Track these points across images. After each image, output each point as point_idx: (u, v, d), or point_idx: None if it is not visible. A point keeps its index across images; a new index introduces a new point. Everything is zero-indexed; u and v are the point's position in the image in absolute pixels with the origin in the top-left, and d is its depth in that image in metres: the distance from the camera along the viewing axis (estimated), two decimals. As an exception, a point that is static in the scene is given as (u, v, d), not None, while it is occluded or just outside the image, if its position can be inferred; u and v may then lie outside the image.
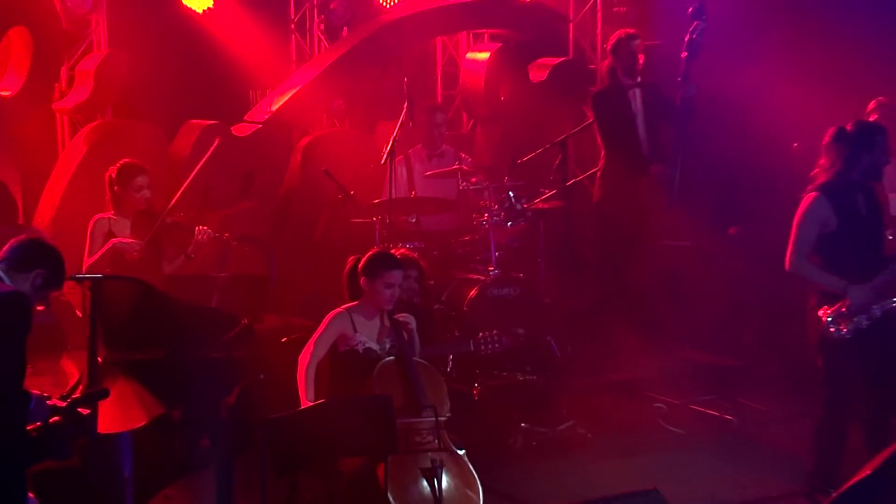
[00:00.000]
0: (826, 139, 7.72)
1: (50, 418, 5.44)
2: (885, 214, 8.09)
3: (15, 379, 5.32)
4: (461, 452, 7.02)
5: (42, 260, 5.71)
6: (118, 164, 8.55)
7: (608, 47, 10.46)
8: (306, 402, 7.08)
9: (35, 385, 5.65)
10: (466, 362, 8.74)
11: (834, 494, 6.78)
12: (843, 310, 7.50)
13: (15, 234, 6.51)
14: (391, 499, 6.63)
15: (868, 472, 6.63)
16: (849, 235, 7.58)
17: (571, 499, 7.31)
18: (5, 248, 5.73)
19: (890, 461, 6.76)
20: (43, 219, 9.82)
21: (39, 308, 5.74)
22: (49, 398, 5.60)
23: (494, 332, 8.09)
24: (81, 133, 10.07)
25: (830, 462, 7.68)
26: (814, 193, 7.59)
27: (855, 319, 7.48)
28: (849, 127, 7.68)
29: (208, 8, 10.86)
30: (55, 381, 6.52)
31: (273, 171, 11.06)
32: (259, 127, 10.85)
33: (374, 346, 7.35)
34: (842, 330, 7.49)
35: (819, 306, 7.62)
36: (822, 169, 7.69)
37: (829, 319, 7.51)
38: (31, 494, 5.48)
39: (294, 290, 9.54)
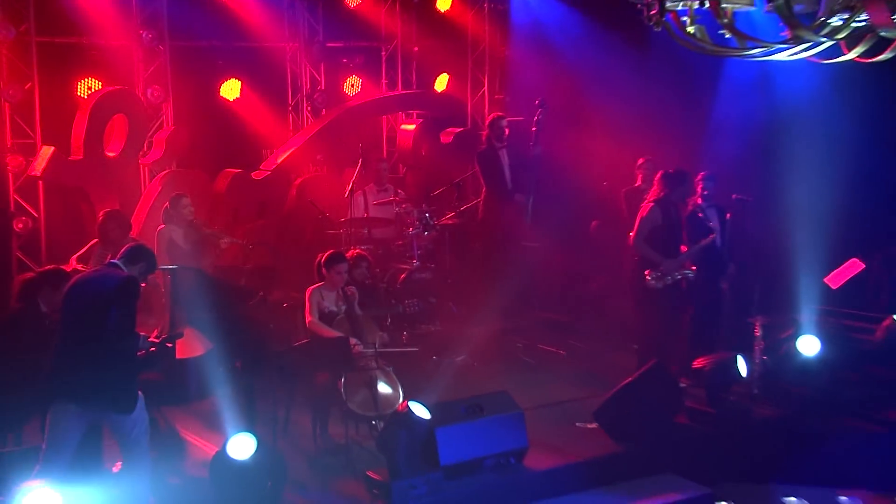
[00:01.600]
0: (657, 176, 8.48)
1: (149, 349, 5.94)
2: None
3: (133, 326, 5.85)
4: (389, 369, 7.42)
5: (144, 256, 6.11)
6: (170, 198, 8.82)
7: (486, 123, 10.66)
8: (332, 334, 7.32)
9: (139, 329, 5.99)
10: (399, 319, 8.81)
11: (610, 392, 7.59)
12: (658, 273, 8.31)
13: (128, 242, 6.87)
14: (346, 400, 7.04)
15: (629, 380, 7.55)
16: (666, 231, 8.38)
17: (460, 401, 7.30)
18: (122, 250, 6.15)
19: (641, 375, 7.55)
20: (133, 232, 9.29)
21: (142, 285, 6.09)
22: (147, 337, 6.06)
23: (416, 300, 8.42)
24: (157, 178, 10.20)
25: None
26: (651, 204, 8.43)
27: (665, 279, 8.32)
28: (671, 171, 8.48)
29: (237, 97, 11.01)
30: (149, 327, 6.76)
31: (278, 200, 10.98)
32: (269, 173, 10.87)
33: (335, 309, 7.62)
34: (657, 284, 8.31)
35: (641, 270, 8.39)
36: (654, 192, 8.47)
37: (650, 278, 8.31)
38: (139, 392, 5.90)
39: (291, 275, 9.39)
